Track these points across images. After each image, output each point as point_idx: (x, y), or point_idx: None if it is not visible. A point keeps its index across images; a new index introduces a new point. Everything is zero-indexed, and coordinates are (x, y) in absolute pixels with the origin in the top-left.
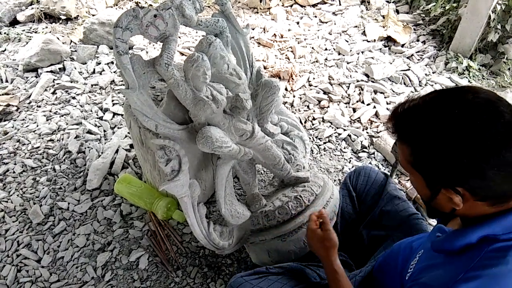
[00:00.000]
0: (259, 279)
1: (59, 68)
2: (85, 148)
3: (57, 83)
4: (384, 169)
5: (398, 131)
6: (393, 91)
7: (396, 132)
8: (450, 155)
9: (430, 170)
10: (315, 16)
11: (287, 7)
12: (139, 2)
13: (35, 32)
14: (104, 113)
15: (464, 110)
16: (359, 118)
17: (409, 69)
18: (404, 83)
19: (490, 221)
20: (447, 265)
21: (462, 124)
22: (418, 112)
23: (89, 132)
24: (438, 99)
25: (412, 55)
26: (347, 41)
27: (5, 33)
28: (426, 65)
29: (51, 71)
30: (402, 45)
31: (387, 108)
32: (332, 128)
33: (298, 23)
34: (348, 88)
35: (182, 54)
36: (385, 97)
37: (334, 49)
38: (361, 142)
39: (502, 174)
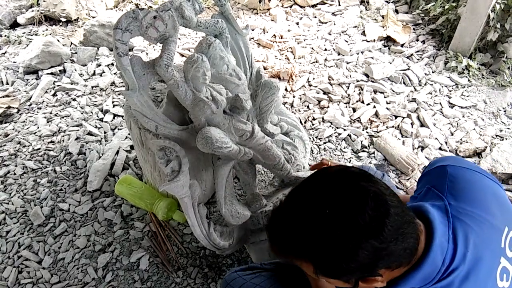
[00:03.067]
0: (253, 275)
1: (60, 70)
2: (86, 149)
3: (58, 85)
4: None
5: (289, 252)
6: (393, 91)
7: (286, 254)
8: (350, 259)
9: (342, 274)
10: (315, 17)
11: (286, 7)
12: (139, 4)
13: (36, 35)
14: (104, 115)
15: (328, 221)
16: (359, 118)
17: (408, 69)
18: (404, 83)
19: (406, 279)
20: None
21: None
22: (296, 229)
23: (90, 133)
24: (297, 217)
25: (412, 54)
26: (347, 41)
27: (5, 35)
28: (425, 65)
29: (51, 73)
30: (402, 45)
31: (387, 108)
32: (332, 128)
33: (297, 23)
34: (348, 88)
35: (182, 55)
36: (385, 97)
37: (334, 49)
38: (361, 142)
39: (400, 239)
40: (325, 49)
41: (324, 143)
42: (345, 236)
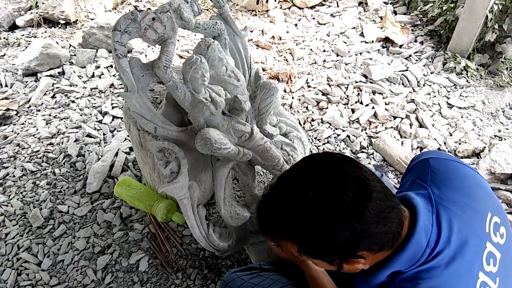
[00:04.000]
0: (251, 275)
1: (59, 72)
2: (85, 151)
3: (57, 87)
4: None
5: (276, 232)
6: (392, 92)
7: (272, 234)
8: (331, 239)
9: (325, 254)
10: (313, 18)
11: (285, 9)
12: (138, 6)
13: (34, 37)
14: (103, 117)
15: (313, 200)
16: (357, 119)
17: (407, 70)
18: (403, 84)
19: (391, 261)
20: None
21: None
22: (282, 210)
23: (89, 135)
24: (283, 199)
25: (410, 55)
26: (345, 43)
27: (4, 38)
28: (424, 66)
29: (50, 75)
30: (400, 46)
31: (385, 109)
32: (331, 129)
33: (296, 25)
34: (346, 89)
35: (180, 57)
36: (383, 98)
37: (332, 51)
38: (360, 142)
39: (381, 223)
40: (324, 50)
41: (323, 144)
42: (327, 216)
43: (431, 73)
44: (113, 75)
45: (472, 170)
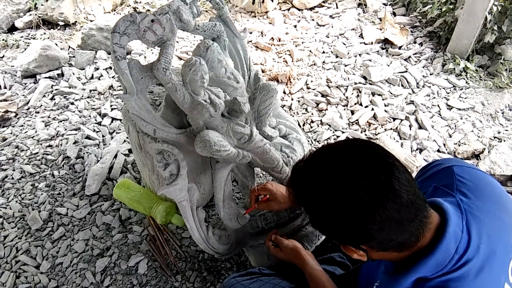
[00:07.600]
0: (251, 280)
1: (58, 74)
2: (84, 153)
3: (56, 89)
4: None
5: (295, 195)
6: (391, 93)
7: (294, 196)
8: (333, 227)
9: (325, 233)
10: (313, 19)
11: (284, 10)
12: (137, 8)
13: (33, 38)
14: (102, 118)
15: (328, 182)
16: (357, 120)
17: (406, 71)
18: (402, 85)
19: (417, 266)
20: None
21: (327, 198)
22: (303, 179)
23: (88, 137)
24: (309, 174)
25: (410, 57)
26: (345, 44)
27: (3, 39)
28: (423, 67)
29: (49, 77)
30: (399, 47)
31: (385, 110)
32: (331, 130)
33: (295, 26)
34: (346, 91)
35: (180, 58)
36: (383, 99)
37: (332, 52)
38: None
39: (386, 230)
40: (323, 52)
41: None
42: (338, 202)
43: (430, 74)
44: (112, 77)
45: (493, 178)
